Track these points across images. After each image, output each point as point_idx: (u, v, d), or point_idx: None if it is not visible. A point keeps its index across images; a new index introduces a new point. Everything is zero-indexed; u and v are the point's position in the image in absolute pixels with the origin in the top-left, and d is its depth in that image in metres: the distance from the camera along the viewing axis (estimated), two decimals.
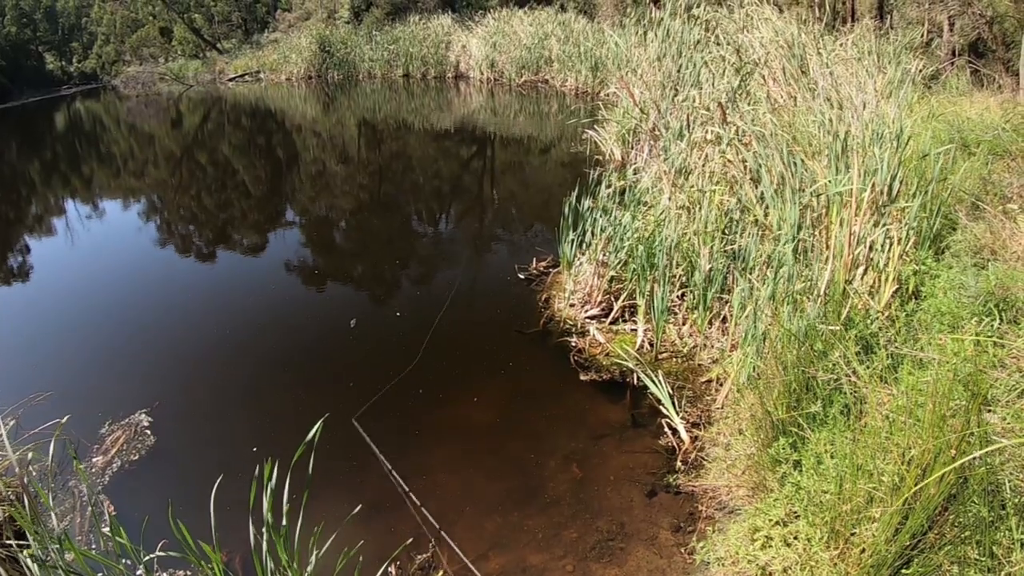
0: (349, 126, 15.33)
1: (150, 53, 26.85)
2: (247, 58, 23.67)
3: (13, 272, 8.13)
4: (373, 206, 9.98)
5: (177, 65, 24.81)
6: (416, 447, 4.15)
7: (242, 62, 23.51)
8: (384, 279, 6.95)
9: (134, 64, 26.26)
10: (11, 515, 2.65)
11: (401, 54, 19.85)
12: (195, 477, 3.13)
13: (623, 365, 4.62)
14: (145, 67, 25.54)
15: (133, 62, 26.50)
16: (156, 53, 26.93)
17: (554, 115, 13.84)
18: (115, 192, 12.22)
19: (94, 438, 4.29)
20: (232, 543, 2.90)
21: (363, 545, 3.03)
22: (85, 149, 15.73)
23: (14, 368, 5.11)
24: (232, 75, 22.90)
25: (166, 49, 27.04)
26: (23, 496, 3.30)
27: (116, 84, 24.66)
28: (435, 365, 5.03)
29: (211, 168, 13.16)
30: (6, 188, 12.22)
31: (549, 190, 9.56)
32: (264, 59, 22.86)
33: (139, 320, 6.19)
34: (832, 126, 4.41)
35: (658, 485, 3.61)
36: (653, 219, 5.31)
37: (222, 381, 5.05)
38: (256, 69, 22.74)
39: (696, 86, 7.31)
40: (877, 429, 2.38)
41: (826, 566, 2.29)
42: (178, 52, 26.66)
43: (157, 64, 25.79)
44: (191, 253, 8.43)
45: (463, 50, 18.83)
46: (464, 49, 18.78)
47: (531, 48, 16.56)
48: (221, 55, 25.36)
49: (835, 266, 3.42)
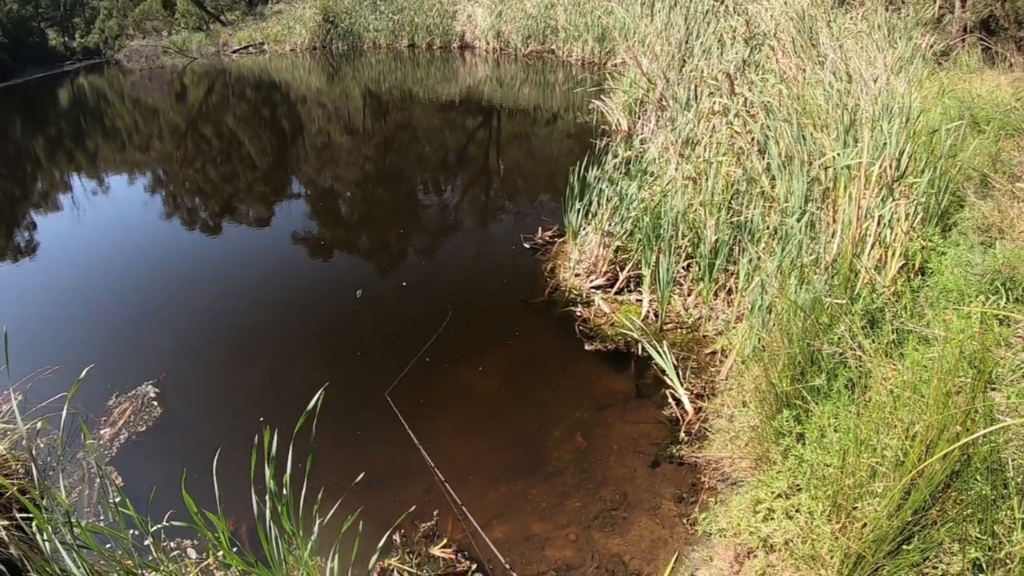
0: (354, 97, 15.19)
1: (153, 26, 26.52)
2: (251, 30, 23.34)
3: (20, 248, 8.14)
4: (379, 177, 9.93)
5: (180, 38, 24.49)
6: (421, 416, 4.17)
7: (246, 34, 23.20)
8: (390, 250, 6.95)
9: (137, 38, 25.91)
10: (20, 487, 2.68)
11: (406, 24, 19.55)
12: (201, 448, 3.16)
13: (628, 335, 4.63)
14: (148, 41, 25.22)
15: (136, 36, 26.17)
16: (159, 26, 26.59)
17: (560, 85, 13.67)
18: (120, 166, 12.17)
19: (101, 410, 4.34)
20: (238, 512, 2.94)
21: (368, 514, 3.07)
22: (89, 124, 15.64)
23: (22, 343, 5.08)
24: (236, 47, 22.62)
25: (169, 22, 26.69)
26: (32, 469, 3.34)
27: (119, 58, 24.36)
28: (440, 335, 5.05)
29: (216, 141, 13.09)
30: (11, 165, 12.19)
31: (555, 160, 9.49)
32: (268, 30, 22.55)
33: (145, 293, 6.21)
34: (841, 99, 4.34)
35: (661, 456, 3.63)
36: (659, 189, 5.27)
37: (228, 353, 5.08)
38: (260, 40, 22.45)
39: (705, 57, 7.20)
40: (881, 404, 2.38)
41: (828, 539, 2.31)
42: (181, 25, 26.30)
43: (160, 37, 25.45)
44: (197, 226, 8.42)
45: (468, 20, 18.54)
46: (470, 19, 18.49)
47: (537, 18, 16.29)
48: (225, 27, 25.03)
49: (842, 240, 3.40)
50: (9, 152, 13.15)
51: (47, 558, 2.29)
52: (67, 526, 2.37)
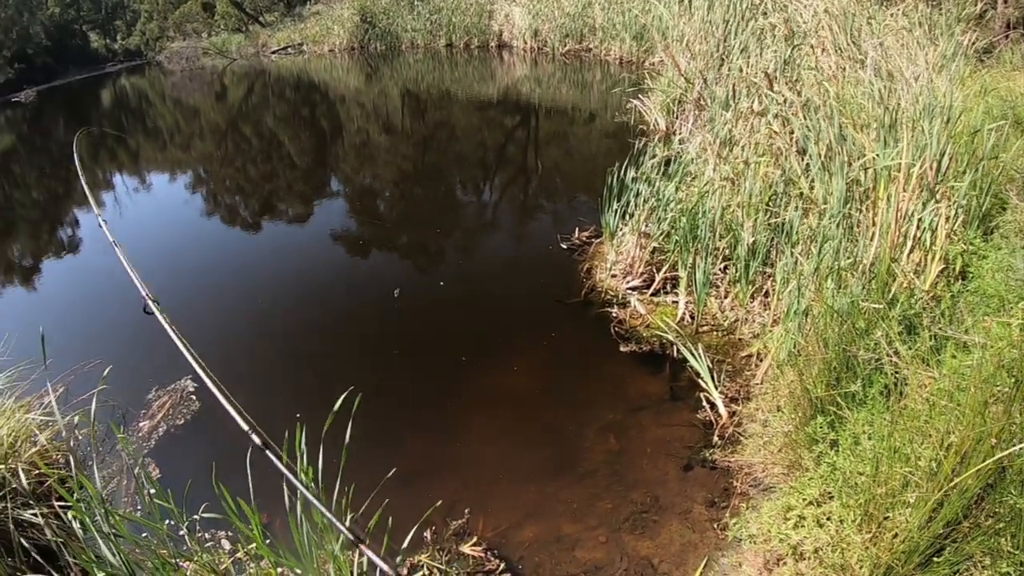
0: (392, 96, 15.36)
1: (193, 28, 27.10)
2: (289, 31, 23.75)
3: (63, 244, 8.45)
4: (417, 176, 10.04)
5: (220, 39, 25.01)
6: (455, 415, 4.23)
7: (284, 35, 23.61)
8: (428, 249, 7.02)
9: (177, 40, 26.50)
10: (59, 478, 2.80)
11: (443, 24, 19.68)
12: (238, 441, 3.23)
13: (663, 337, 4.60)
14: (188, 42, 25.79)
15: (176, 38, 26.77)
16: (199, 28, 27.17)
17: (598, 84, 13.63)
18: (161, 165, 12.51)
19: (141, 404, 4.48)
20: (272, 507, 2.97)
21: (399, 510, 3.09)
22: (131, 124, 16.11)
23: (64, 337, 5.29)
24: (275, 48, 23.04)
25: (209, 24, 27.26)
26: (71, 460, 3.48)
27: (160, 60, 24.98)
28: (477, 333, 5.11)
29: (256, 140, 13.37)
30: (55, 164, 12.62)
31: (593, 160, 9.46)
32: (306, 31, 22.91)
33: (185, 288, 6.39)
34: (882, 98, 4.25)
35: (694, 459, 3.62)
36: (697, 190, 5.23)
37: (265, 349, 5.21)
38: (299, 41, 22.82)
39: (743, 55, 7.11)
40: (917, 412, 2.34)
41: (858, 549, 2.28)
42: (221, 26, 26.84)
43: (200, 39, 26.00)
44: (237, 223, 8.63)
45: (506, 19, 18.57)
46: (507, 18, 18.52)
47: (574, 16, 16.24)
48: (263, 28, 25.50)
49: (881, 243, 3.33)
50: (52, 151, 13.62)
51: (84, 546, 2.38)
52: (104, 515, 2.46)
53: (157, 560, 2.36)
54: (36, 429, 3.47)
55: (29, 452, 3.30)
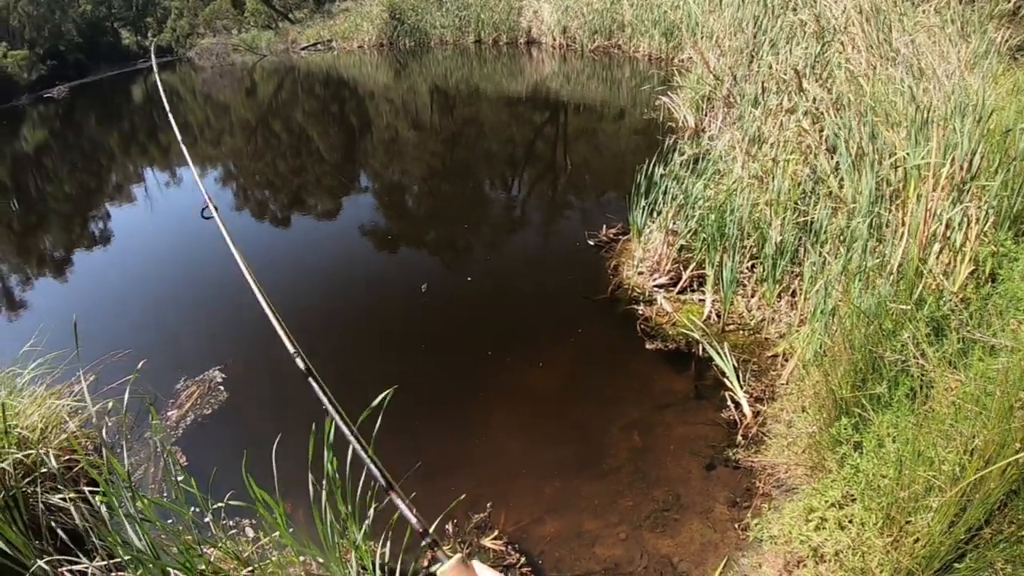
0: (421, 92, 15.44)
1: (223, 25, 27.47)
2: (318, 27, 23.93)
3: (95, 238, 8.66)
4: (445, 172, 10.09)
5: (250, 36, 25.32)
6: (480, 409, 4.27)
7: (314, 31, 23.80)
8: (455, 244, 7.07)
9: (208, 36, 26.90)
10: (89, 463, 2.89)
11: (472, 20, 19.69)
12: (264, 432, 3.27)
13: (689, 335, 4.59)
14: (218, 39, 26.16)
15: (207, 34, 27.18)
16: (229, 25, 27.54)
17: (627, 81, 13.54)
18: (192, 160, 12.70)
19: (170, 393, 4.59)
20: (295, 496, 3.00)
21: (422, 502, 3.13)
22: (162, 119, 16.37)
23: (96, 327, 5.42)
24: (304, 44, 23.25)
25: (239, 20, 27.62)
26: (100, 446, 3.57)
27: (191, 56, 25.33)
28: (503, 329, 5.14)
29: (285, 135, 13.54)
30: (87, 158, 12.92)
31: (621, 157, 9.42)
32: (335, 28, 23.08)
33: (213, 281, 6.52)
34: (913, 96, 4.17)
35: (717, 458, 3.61)
36: (725, 188, 5.19)
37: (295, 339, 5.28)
38: (328, 38, 23.00)
39: (773, 52, 7.02)
40: (942, 415, 2.31)
41: (879, 553, 2.26)
42: (250, 23, 27.17)
43: (230, 35, 26.37)
44: (266, 218, 8.76)
45: (535, 15, 18.51)
46: (536, 14, 18.46)
47: (603, 13, 16.13)
48: (293, 25, 25.74)
49: (910, 243, 3.28)
50: (84, 147, 13.93)
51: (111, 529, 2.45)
52: (131, 500, 2.53)
53: (182, 545, 2.42)
54: (66, 416, 3.58)
55: (59, 438, 3.41)
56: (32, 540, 2.58)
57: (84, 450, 3.20)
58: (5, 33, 19.92)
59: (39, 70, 19.32)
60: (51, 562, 2.45)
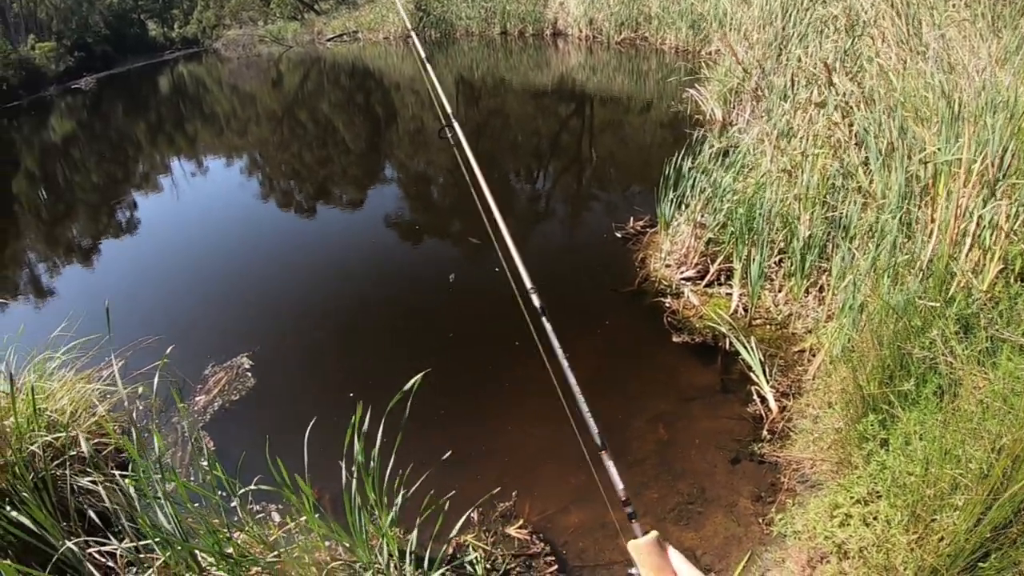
0: (447, 84, 15.47)
1: (249, 16, 27.74)
2: (344, 18, 24.08)
3: (124, 226, 8.84)
4: None
5: (276, 27, 25.56)
6: (507, 398, 4.32)
7: (339, 22, 23.95)
8: (482, 236, 7.08)
9: (234, 28, 27.20)
10: (118, 446, 2.94)
11: (498, 11, 19.66)
12: (290, 418, 3.33)
13: (716, 329, 4.59)
14: (245, 30, 26.44)
15: (233, 26, 27.47)
16: (255, 16, 27.80)
17: (653, 73, 13.44)
18: (218, 149, 12.89)
19: (198, 379, 4.69)
20: (323, 482, 3.05)
21: (448, 491, 3.18)
22: (188, 109, 16.61)
23: (126, 314, 5.55)
24: (330, 35, 23.40)
25: (265, 12, 27.87)
26: (131, 429, 3.66)
27: (217, 47, 25.64)
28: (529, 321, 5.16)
29: (311, 125, 13.66)
30: (115, 148, 13.14)
31: (648, 149, 9.38)
32: (361, 19, 23.19)
33: (242, 270, 6.66)
34: (944, 91, 4.11)
35: (742, 452, 3.62)
36: (754, 181, 5.16)
37: (320, 330, 5.38)
38: (353, 29, 23.12)
39: (802, 45, 6.94)
40: (970, 414, 2.30)
41: (903, 550, 2.27)
42: (276, 14, 27.41)
43: (256, 27, 26.62)
44: (292, 208, 8.88)
45: (560, 7, 18.43)
46: (562, 6, 18.37)
47: (629, 4, 16.01)
48: (318, 16, 25.92)
49: (939, 240, 3.25)
50: (112, 137, 14.16)
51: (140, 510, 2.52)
52: (160, 482, 2.60)
53: (208, 527, 2.48)
54: (96, 400, 3.67)
55: (88, 422, 3.51)
56: (60, 522, 2.65)
57: (113, 434, 3.28)
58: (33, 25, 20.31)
59: (67, 61, 19.69)
60: (79, 543, 2.52)
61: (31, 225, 9.22)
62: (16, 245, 8.28)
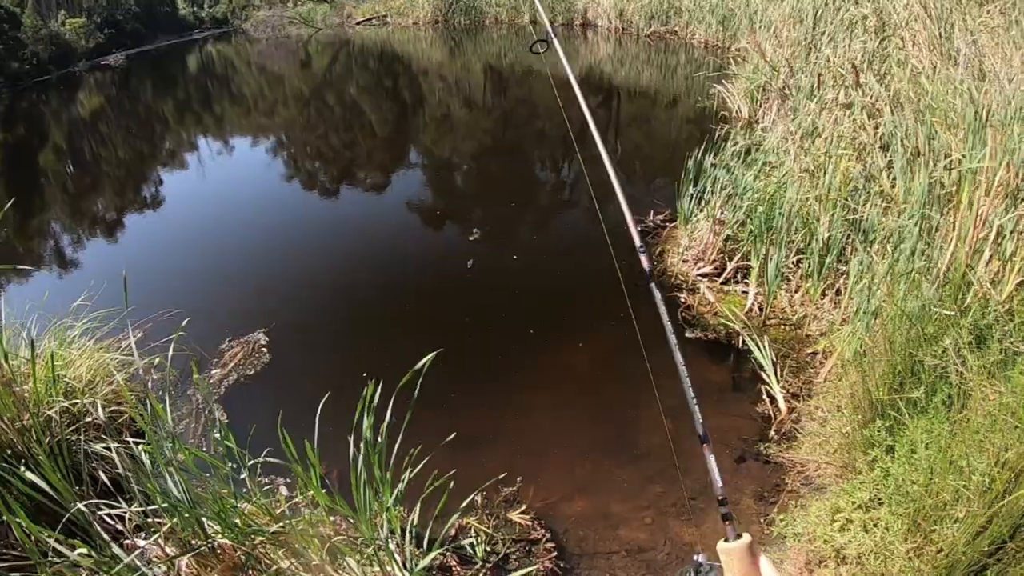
0: (475, 71, 15.44)
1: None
2: (374, 2, 23.97)
3: (149, 202, 8.96)
4: (496, 151, 10.13)
5: (306, 9, 25.48)
6: (518, 385, 4.35)
7: (369, 6, 23.86)
8: (503, 223, 7.11)
9: (263, 9, 27.12)
10: (132, 415, 3.00)
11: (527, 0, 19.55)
12: (304, 394, 3.32)
13: (730, 326, 4.58)
14: (274, 11, 26.36)
15: (262, 7, 27.38)
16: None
17: (682, 68, 13.32)
18: (245, 129, 12.99)
19: (214, 352, 4.77)
20: (331, 458, 3.04)
21: (455, 472, 3.16)
22: (216, 89, 16.71)
23: (148, 287, 5.64)
24: (359, 19, 23.36)
25: None
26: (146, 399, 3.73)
27: (246, 28, 25.64)
28: (545, 308, 5.20)
29: (338, 108, 13.70)
30: (143, 125, 13.28)
31: (673, 145, 9.31)
32: (391, 3, 23.10)
33: (264, 248, 6.74)
34: (972, 98, 4.04)
35: (748, 452, 3.61)
36: (775, 180, 5.12)
37: (338, 308, 5.46)
38: (383, 13, 23.07)
39: (831, 46, 6.85)
40: (977, 425, 2.29)
41: (901, 559, 2.26)
42: None
43: (286, 8, 26.54)
44: (316, 188, 8.96)
45: None
46: None
47: None
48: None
49: (958, 248, 3.21)
50: (140, 114, 14.30)
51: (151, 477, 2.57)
52: (172, 451, 2.66)
53: (216, 496, 2.53)
54: (113, 369, 3.74)
55: (105, 390, 3.59)
56: (73, 485, 2.71)
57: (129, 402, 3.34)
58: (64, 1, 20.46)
59: (96, 38, 19.79)
60: (90, 506, 2.58)
61: (57, 197, 9.38)
62: (42, 217, 8.44)
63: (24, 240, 7.66)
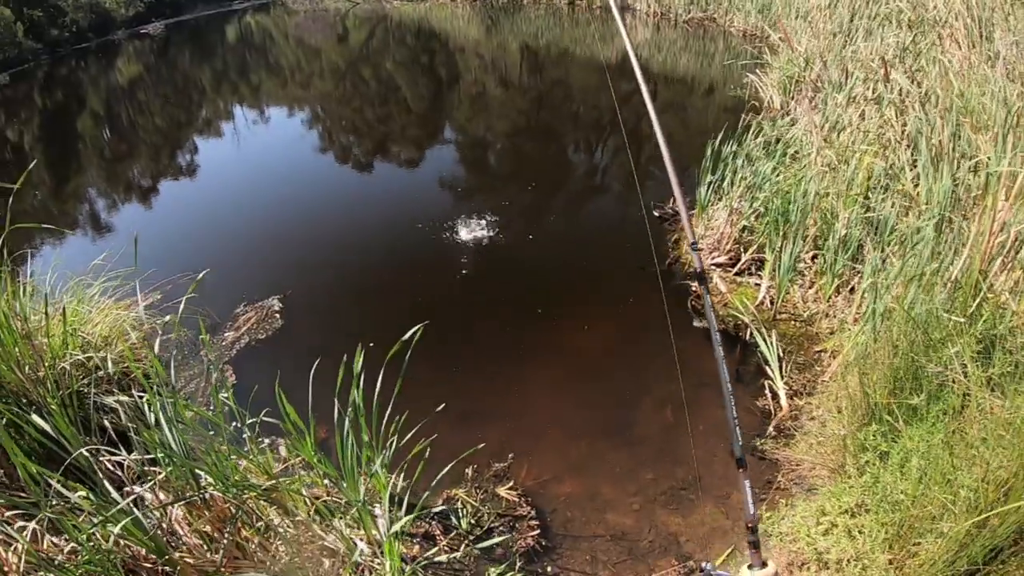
0: (511, 51, 15.31)
1: None
2: None
3: (183, 169, 9.11)
4: (528, 131, 10.07)
5: None
6: (521, 362, 4.37)
7: None
8: (524, 202, 7.09)
9: None
10: (144, 372, 3.09)
11: None
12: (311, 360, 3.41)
13: (739, 318, 4.52)
14: None
15: None
16: None
17: (719, 56, 13.05)
18: (281, 100, 13.08)
19: (228, 316, 4.88)
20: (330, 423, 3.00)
21: (446, 445, 3.19)
22: (254, 59, 16.81)
23: (170, 251, 5.80)
24: None
25: None
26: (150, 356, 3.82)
27: None
28: (555, 289, 5.20)
29: (374, 83, 13.72)
30: (180, 94, 13.42)
31: (705, 134, 9.08)
32: None
33: (291, 217, 6.84)
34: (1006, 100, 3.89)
35: (745, 446, 3.57)
36: (795, 173, 5.02)
37: (354, 278, 5.54)
38: None
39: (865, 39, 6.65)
40: (972, 439, 2.22)
41: (879, 569, 2.21)
42: None
43: None
44: (349, 161, 9.02)
45: None
46: None
47: None
48: None
49: (972, 252, 3.11)
50: (177, 82, 14.44)
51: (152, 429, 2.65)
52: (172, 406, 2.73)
53: (213, 451, 2.60)
54: (128, 327, 3.87)
55: (120, 348, 3.68)
56: (82, 435, 2.81)
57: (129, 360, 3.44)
58: None
59: (136, 6, 19.97)
60: (92, 452, 2.67)
61: (93, 162, 9.56)
62: (78, 180, 8.62)
63: (59, 203, 7.86)
